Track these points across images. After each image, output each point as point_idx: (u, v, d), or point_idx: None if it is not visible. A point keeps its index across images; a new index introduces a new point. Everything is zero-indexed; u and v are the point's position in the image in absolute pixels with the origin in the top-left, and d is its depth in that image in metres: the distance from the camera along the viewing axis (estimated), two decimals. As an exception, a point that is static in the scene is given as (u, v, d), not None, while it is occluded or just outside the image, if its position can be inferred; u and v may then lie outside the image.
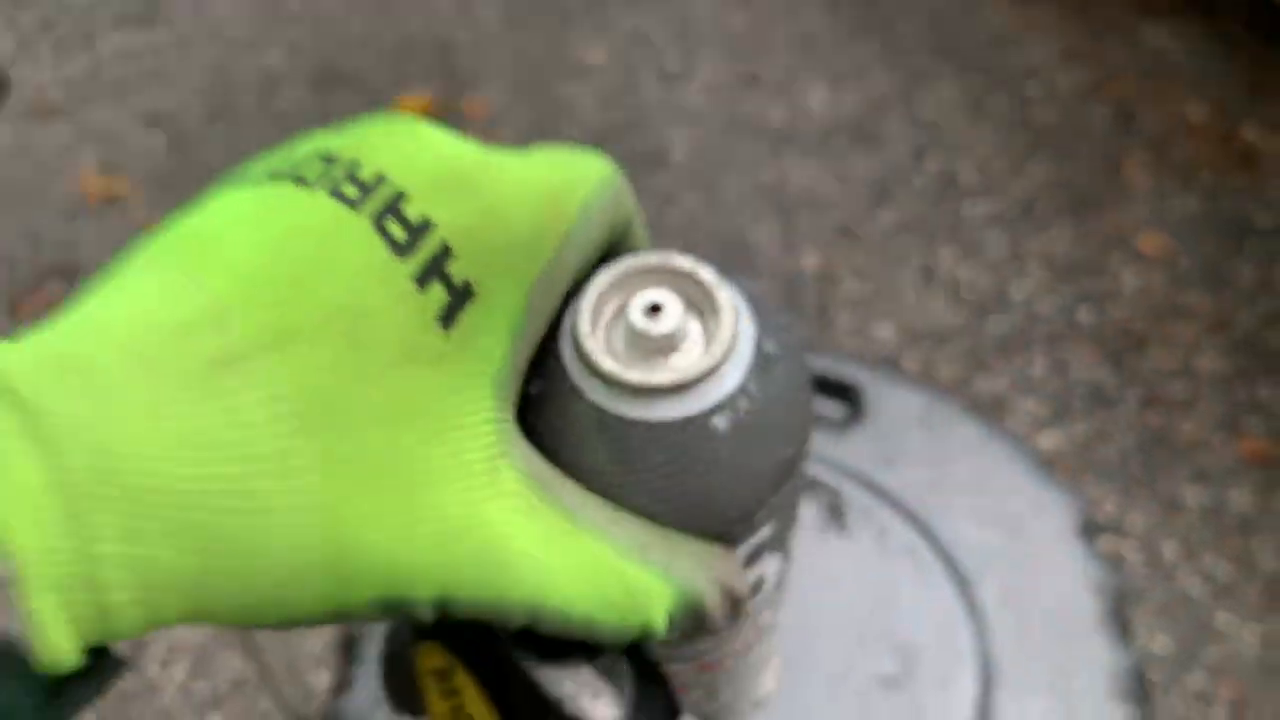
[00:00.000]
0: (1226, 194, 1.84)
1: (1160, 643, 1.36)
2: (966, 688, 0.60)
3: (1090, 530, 0.68)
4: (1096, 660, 0.61)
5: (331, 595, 0.21)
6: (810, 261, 1.73)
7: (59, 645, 0.18)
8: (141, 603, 0.19)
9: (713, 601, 0.25)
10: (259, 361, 0.20)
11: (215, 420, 0.19)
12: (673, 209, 1.80)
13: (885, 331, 1.64)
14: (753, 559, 0.28)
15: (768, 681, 0.43)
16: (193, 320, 0.20)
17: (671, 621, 0.24)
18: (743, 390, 0.25)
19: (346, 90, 1.94)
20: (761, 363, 0.25)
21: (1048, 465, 0.70)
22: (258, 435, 0.20)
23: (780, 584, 0.33)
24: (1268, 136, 1.93)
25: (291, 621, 0.21)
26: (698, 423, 0.24)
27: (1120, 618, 0.63)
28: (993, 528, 0.67)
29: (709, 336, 0.25)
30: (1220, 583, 1.40)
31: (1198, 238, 1.78)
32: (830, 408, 0.74)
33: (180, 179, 1.82)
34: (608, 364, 0.24)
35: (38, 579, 0.18)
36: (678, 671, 0.34)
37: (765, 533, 0.28)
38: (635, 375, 0.24)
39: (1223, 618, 1.37)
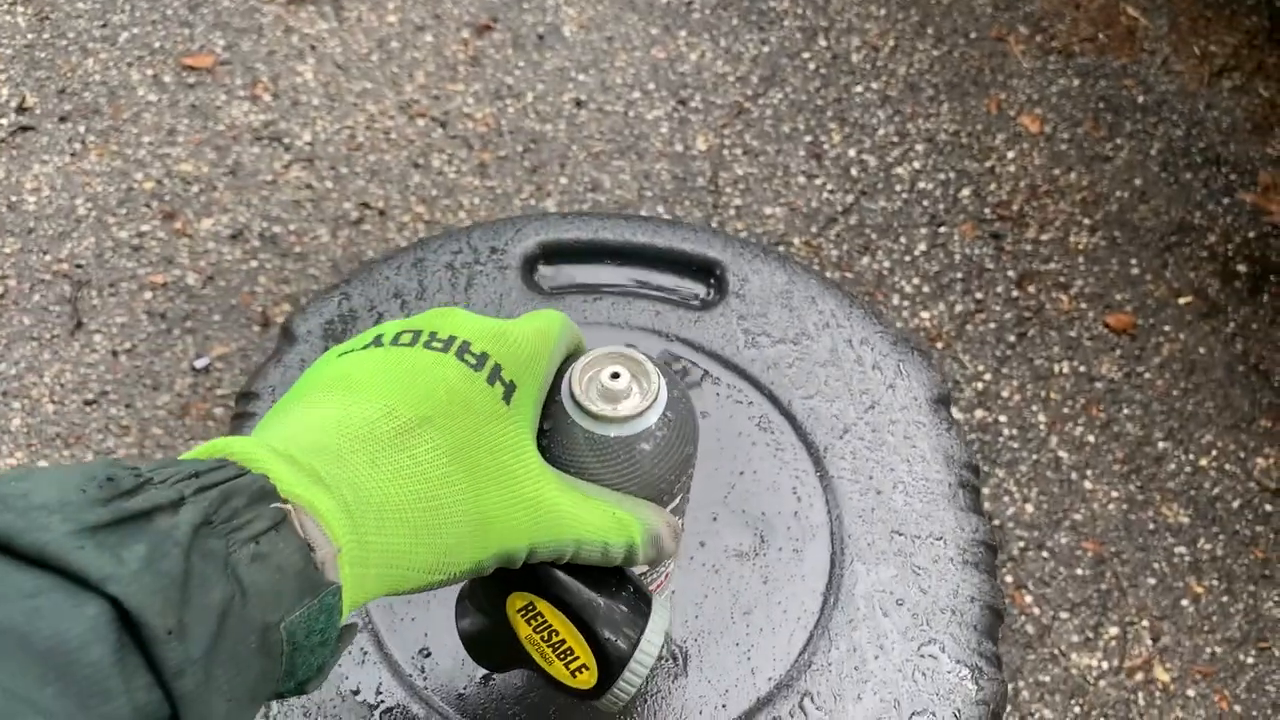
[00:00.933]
0: (1106, 72, 1.87)
1: (1030, 507, 1.43)
2: (818, 557, 0.63)
3: (943, 401, 0.70)
4: (946, 530, 0.64)
5: (475, 555, 0.39)
6: (701, 142, 1.71)
7: (351, 602, 0.34)
8: (379, 577, 0.36)
9: (665, 533, 0.45)
10: (421, 430, 0.38)
11: (405, 463, 0.37)
12: (565, 88, 1.76)
13: (775, 212, 1.65)
14: (673, 515, 0.49)
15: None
16: (376, 417, 0.38)
17: (644, 544, 0.44)
18: (662, 420, 0.45)
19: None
20: (670, 405, 0.46)
21: (906, 340, 0.72)
22: (430, 467, 0.38)
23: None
24: (1149, 13, 1.95)
25: (450, 579, 0.39)
26: (640, 437, 0.45)
27: (970, 488, 0.66)
28: (848, 401, 0.68)
29: (643, 392, 0.45)
30: (1086, 449, 1.47)
31: (1076, 116, 1.81)
32: (695, 287, 0.74)
33: (45, 55, 1.71)
34: (590, 406, 0.44)
35: (344, 556, 0.34)
36: None
37: (678, 500, 0.49)
38: (606, 411, 0.44)
39: (1088, 483, 1.45)
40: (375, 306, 0.70)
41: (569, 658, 0.45)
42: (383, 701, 0.56)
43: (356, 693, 0.56)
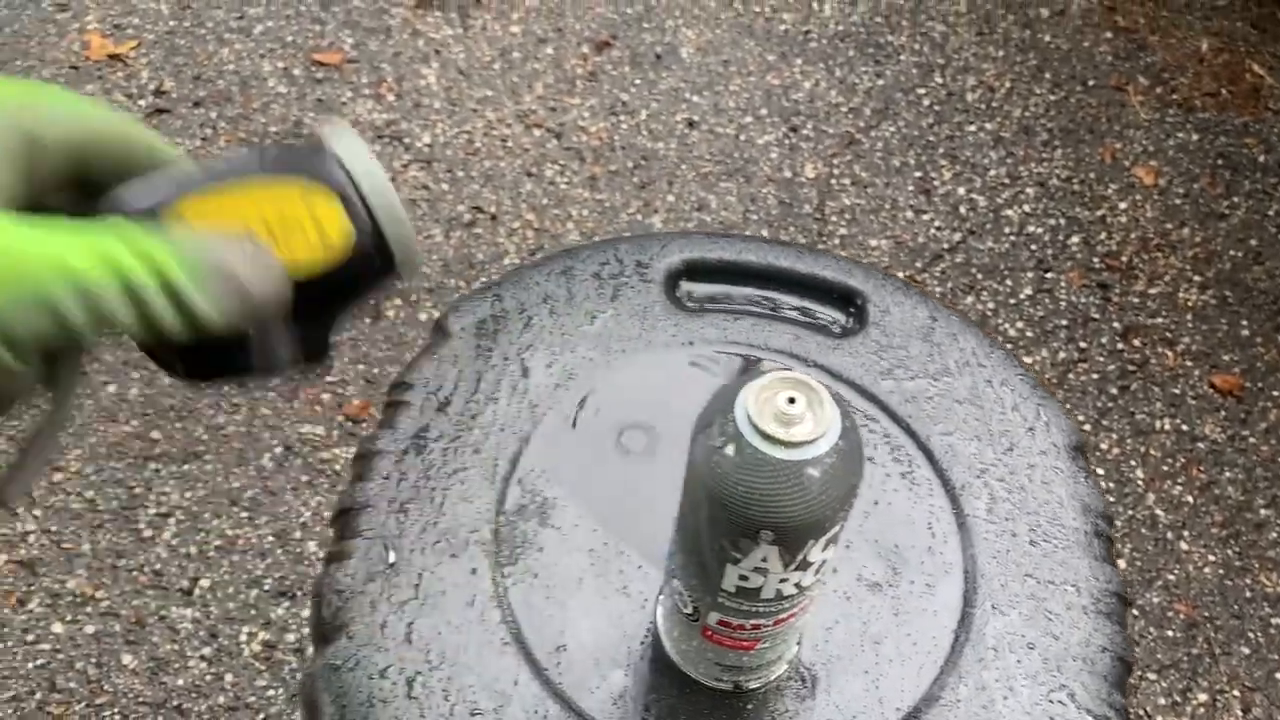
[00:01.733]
0: (1227, 129, 1.84)
1: (1122, 563, 1.40)
2: (950, 595, 0.63)
3: (1080, 450, 0.70)
4: (1080, 578, 0.64)
5: None
6: (810, 170, 1.72)
7: None
8: None
9: (235, 261, 0.32)
10: None
11: None
12: (679, 108, 1.78)
13: (880, 244, 1.65)
14: (827, 545, 0.49)
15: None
16: None
17: (194, 277, 0.31)
18: (834, 448, 0.45)
19: (346, -36, 1.89)
20: (843, 434, 0.45)
21: (1044, 385, 0.72)
22: None
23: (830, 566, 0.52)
24: (1275, 72, 1.92)
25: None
26: (811, 463, 0.45)
27: (1105, 538, 0.66)
28: (987, 442, 0.68)
29: (817, 419, 0.45)
30: (1184, 509, 1.45)
31: (1193, 171, 1.78)
32: (835, 315, 0.75)
33: (184, 42, 1.77)
34: (764, 426, 0.45)
35: None
36: (759, 625, 0.53)
37: (836, 530, 0.48)
38: (779, 434, 0.45)
39: (1184, 544, 1.42)
40: (525, 309, 0.73)
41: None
42: (518, 692, 0.58)
43: (495, 681, 0.58)
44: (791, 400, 0.46)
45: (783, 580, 0.50)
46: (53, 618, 1.24)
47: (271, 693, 1.21)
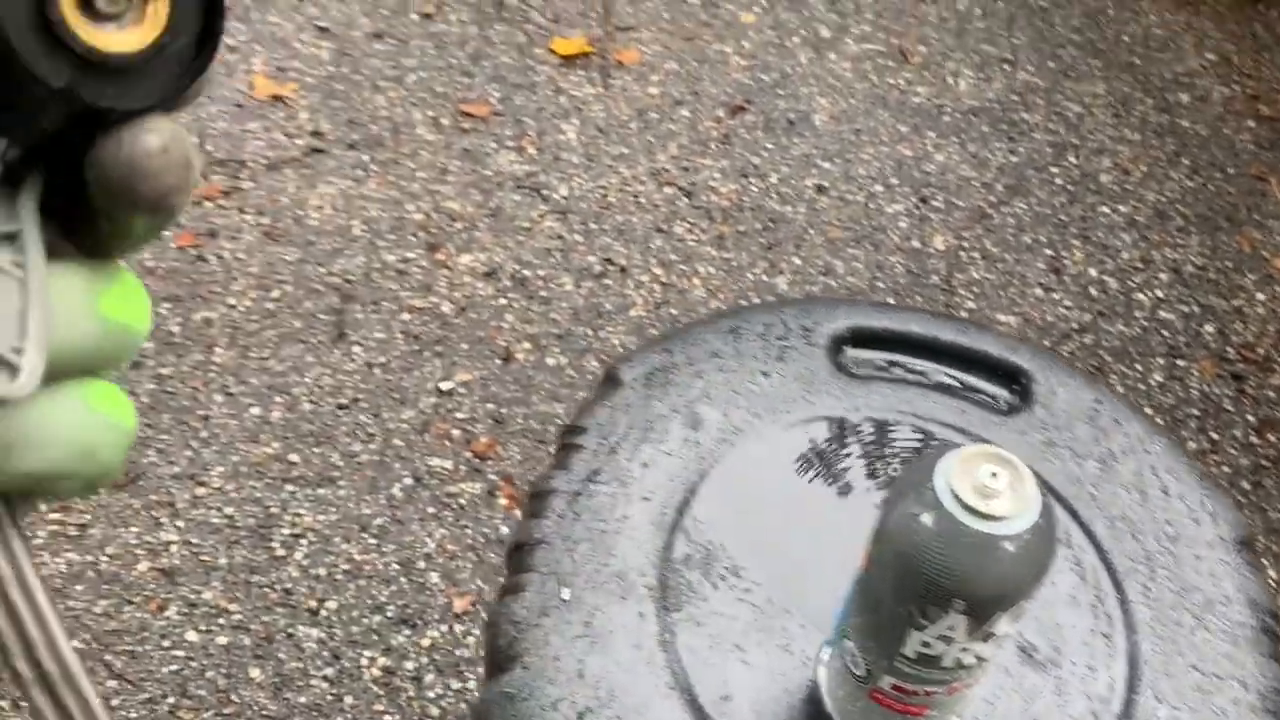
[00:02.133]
0: (1375, 225, 1.79)
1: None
2: (1113, 681, 0.63)
3: (1247, 544, 0.69)
4: (1247, 674, 0.63)
5: None
6: (939, 241, 1.73)
7: None
8: None
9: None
10: None
11: None
12: (809, 173, 1.81)
13: (1008, 320, 1.64)
14: (1012, 619, 0.50)
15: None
16: None
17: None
18: (1033, 527, 0.47)
19: (506, 24, 1.97)
20: (1042, 513, 0.48)
21: (1211, 476, 0.71)
22: None
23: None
24: None
25: None
26: (1007, 538, 0.47)
27: (1273, 635, 0.65)
28: (1151, 530, 0.68)
29: (1017, 496, 0.48)
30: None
31: (1339, 267, 1.74)
32: (999, 391, 0.76)
33: (341, 87, 1.87)
34: (965, 497, 0.47)
35: None
36: (932, 693, 0.54)
37: (1023, 605, 0.50)
38: (979, 506, 0.47)
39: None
40: (694, 364, 0.75)
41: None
42: (681, 739, 0.59)
43: (659, 726, 0.60)
44: (994, 475, 0.47)
45: (964, 650, 0.51)
46: (188, 626, 1.30)
47: (388, 718, 1.24)
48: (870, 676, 0.55)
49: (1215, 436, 1.54)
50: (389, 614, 1.32)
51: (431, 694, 1.27)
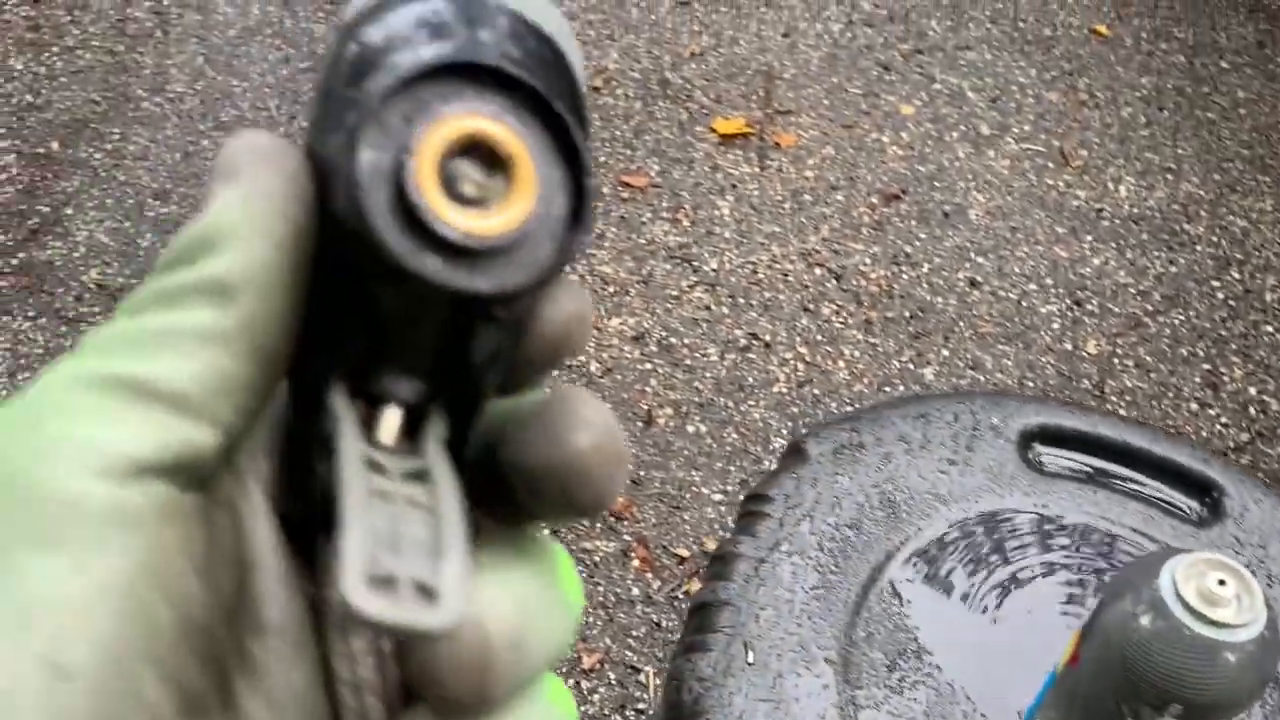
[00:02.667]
0: None
1: None
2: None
3: None
4: None
5: None
6: (1092, 346, 1.71)
7: None
8: None
9: None
10: None
11: None
12: (962, 266, 1.81)
13: (1159, 434, 1.61)
14: None
15: None
16: None
17: None
18: (1259, 638, 0.48)
19: (670, 102, 2.05)
20: (1267, 625, 0.48)
21: None
22: None
23: None
24: None
25: None
26: (1231, 646, 0.48)
27: None
28: (1354, 660, 0.66)
29: (1243, 606, 0.48)
30: None
31: None
32: (1189, 502, 0.75)
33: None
34: (1190, 600, 0.48)
35: None
36: None
37: (1242, 715, 0.52)
38: (1205, 611, 0.48)
39: None
40: (881, 444, 0.76)
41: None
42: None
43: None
44: (1222, 582, 0.48)
45: (1175, 756, 0.51)
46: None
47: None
48: (1066, 775, 0.55)
49: (1381, 574, 1.47)
50: (520, 662, 1.34)
51: (555, 747, 1.28)
